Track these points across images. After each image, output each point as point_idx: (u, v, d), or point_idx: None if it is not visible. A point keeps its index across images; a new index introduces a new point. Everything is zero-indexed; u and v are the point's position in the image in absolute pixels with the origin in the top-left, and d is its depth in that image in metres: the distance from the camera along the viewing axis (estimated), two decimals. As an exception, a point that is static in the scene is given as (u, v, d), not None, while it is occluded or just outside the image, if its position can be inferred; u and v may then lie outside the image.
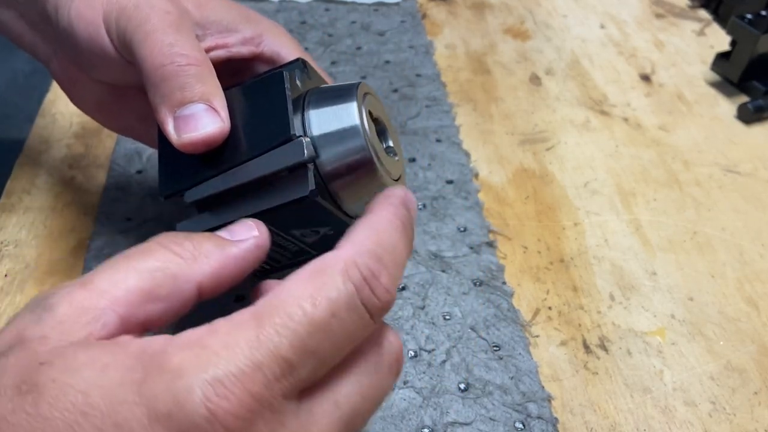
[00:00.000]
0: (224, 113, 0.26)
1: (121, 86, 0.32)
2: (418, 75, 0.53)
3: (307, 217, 0.27)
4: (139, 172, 0.43)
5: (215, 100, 0.26)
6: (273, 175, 0.25)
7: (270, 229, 0.25)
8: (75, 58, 0.30)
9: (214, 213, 0.27)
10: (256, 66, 0.32)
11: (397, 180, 0.28)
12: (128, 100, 0.33)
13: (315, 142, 0.26)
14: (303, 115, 0.26)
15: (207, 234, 0.22)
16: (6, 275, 0.36)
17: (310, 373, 0.17)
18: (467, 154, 0.46)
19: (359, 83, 0.27)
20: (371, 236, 0.19)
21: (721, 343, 0.36)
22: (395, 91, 0.51)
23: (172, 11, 0.27)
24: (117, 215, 0.40)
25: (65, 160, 0.44)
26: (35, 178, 0.42)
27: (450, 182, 0.43)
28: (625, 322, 0.36)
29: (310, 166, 0.25)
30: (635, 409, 0.33)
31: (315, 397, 0.18)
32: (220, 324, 0.18)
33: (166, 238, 0.21)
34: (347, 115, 0.26)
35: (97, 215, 0.40)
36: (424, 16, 0.61)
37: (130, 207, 0.40)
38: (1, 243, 0.38)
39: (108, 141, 0.45)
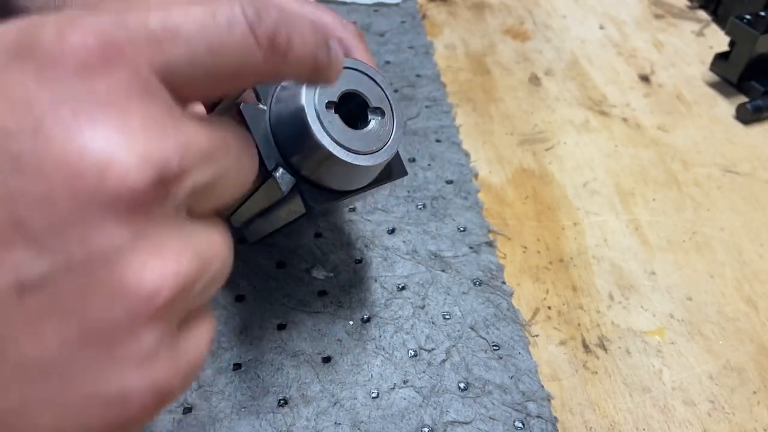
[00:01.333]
0: None
1: None
2: (418, 75, 0.53)
3: (322, 212, 0.30)
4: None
5: None
6: (278, 202, 0.28)
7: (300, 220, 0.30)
8: None
9: (257, 225, 0.33)
10: None
11: (380, 148, 0.27)
12: None
13: (283, 150, 0.26)
14: (269, 124, 0.26)
15: None
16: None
17: (184, 65, 0.16)
18: (467, 154, 0.46)
19: None
20: None
21: (720, 342, 0.36)
22: (395, 91, 0.51)
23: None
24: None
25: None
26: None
27: (450, 182, 0.44)
28: (624, 321, 0.37)
29: (294, 188, 0.27)
30: (634, 408, 0.33)
31: (188, 111, 0.17)
32: None
33: None
34: (297, 116, 0.25)
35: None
36: (424, 16, 0.61)
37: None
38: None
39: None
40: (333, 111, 0.26)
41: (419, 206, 0.42)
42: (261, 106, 0.27)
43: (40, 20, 0.14)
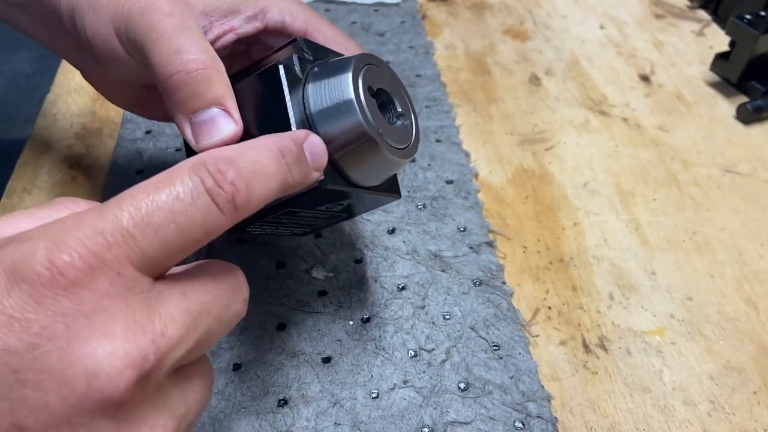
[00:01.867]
0: (236, 113, 0.27)
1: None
2: (418, 75, 0.53)
3: (325, 198, 0.28)
4: (140, 172, 0.43)
5: (227, 101, 0.27)
6: None
7: (293, 211, 0.29)
8: (100, 64, 0.31)
9: None
10: (263, 38, 0.33)
11: (404, 148, 0.28)
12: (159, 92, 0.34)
13: (314, 119, 0.26)
14: (303, 93, 0.27)
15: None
16: (7, 275, 0.36)
17: (156, 250, 0.18)
18: (467, 155, 0.46)
19: (359, 56, 0.27)
20: (233, 149, 0.21)
21: (721, 342, 0.36)
22: (395, 91, 0.51)
23: (174, 12, 0.27)
24: (118, 215, 0.40)
25: (66, 160, 0.44)
26: (36, 178, 0.42)
27: (450, 182, 0.44)
28: (624, 321, 0.37)
29: None
30: (635, 408, 0.33)
31: (166, 282, 0.19)
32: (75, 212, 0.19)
33: (61, 198, 0.23)
34: (342, 89, 0.26)
35: (98, 215, 0.40)
36: (424, 16, 0.61)
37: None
38: (3, 243, 0.38)
39: (109, 141, 0.46)
40: (371, 97, 0.27)
41: (419, 206, 0.42)
42: (298, 73, 0.27)
43: (30, 244, 0.17)
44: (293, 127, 0.26)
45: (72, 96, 0.49)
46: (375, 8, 0.61)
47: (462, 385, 0.33)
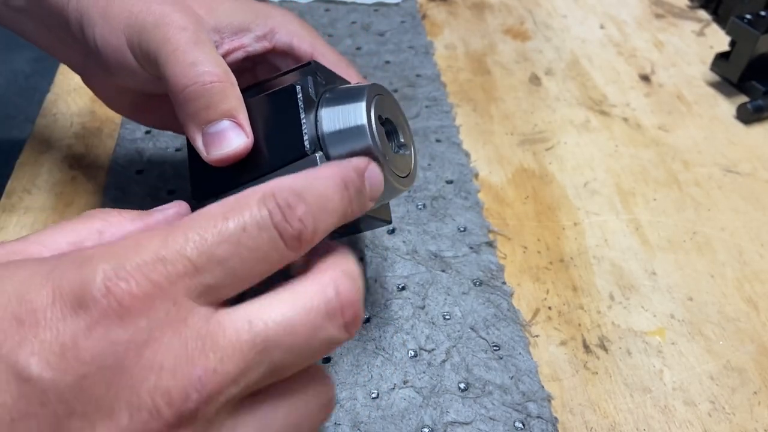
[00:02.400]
0: (248, 127, 0.27)
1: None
2: (418, 75, 0.53)
3: None
4: (140, 172, 0.43)
5: (239, 115, 0.27)
6: None
7: None
8: (106, 72, 0.31)
9: None
10: (270, 58, 0.33)
11: (405, 176, 0.30)
12: (161, 99, 0.34)
13: (325, 140, 0.27)
14: (316, 115, 0.28)
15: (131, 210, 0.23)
16: (7, 275, 0.36)
17: (219, 282, 0.18)
18: (467, 154, 0.46)
19: (370, 85, 0.29)
20: (301, 179, 0.20)
21: (721, 342, 0.36)
22: (395, 91, 0.51)
23: (188, 26, 0.28)
24: (117, 215, 0.40)
25: (66, 160, 0.44)
26: (36, 178, 0.42)
27: (450, 182, 0.44)
28: (624, 321, 0.37)
29: None
30: (635, 408, 0.33)
31: (230, 312, 0.18)
32: (137, 232, 0.19)
33: (92, 210, 0.22)
34: (355, 115, 0.27)
35: (98, 215, 0.40)
36: (424, 16, 0.61)
37: (131, 207, 0.40)
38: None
39: (109, 141, 0.46)
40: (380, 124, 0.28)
41: (419, 206, 0.42)
42: (312, 94, 0.28)
43: (90, 268, 0.17)
44: (306, 145, 0.27)
45: (72, 96, 0.49)
46: (375, 8, 0.61)
47: (462, 386, 0.33)
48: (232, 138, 0.27)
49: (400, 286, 0.37)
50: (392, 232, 0.40)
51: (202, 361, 0.17)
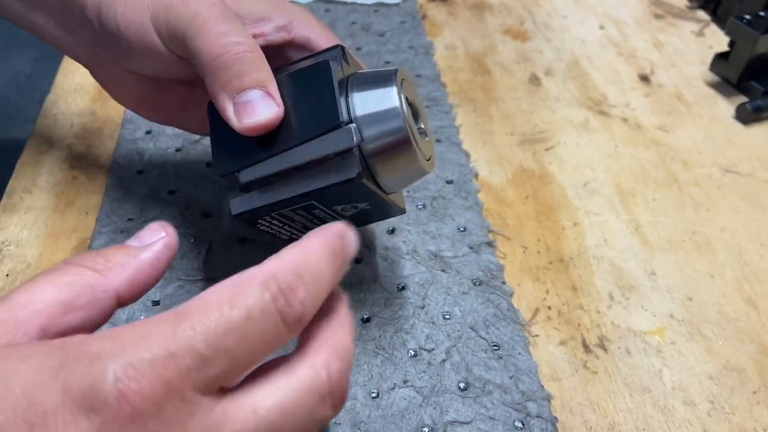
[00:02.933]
0: (278, 98, 0.28)
1: (164, 80, 0.33)
2: (418, 75, 0.53)
3: (351, 195, 0.29)
4: (140, 172, 0.43)
5: (270, 85, 0.28)
6: (323, 158, 0.28)
7: (314, 205, 0.29)
8: (121, 58, 0.31)
9: (263, 192, 0.29)
10: (287, 51, 0.33)
11: (428, 160, 0.30)
12: (170, 92, 0.34)
13: (358, 122, 0.28)
14: (347, 98, 0.28)
15: (115, 246, 0.22)
16: (7, 275, 0.36)
17: (224, 371, 0.18)
18: (467, 155, 0.46)
19: (397, 69, 0.29)
20: (296, 257, 0.20)
21: (720, 342, 0.36)
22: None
23: (216, 2, 0.29)
24: (118, 215, 0.40)
25: (67, 160, 0.44)
26: (37, 178, 0.42)
27: (450, 182, 0.44)
28: (624, 321, 0.37)
29: (356, 150, 0.28)
30: (634, 408, 0.33)
31: (233, 400, 0.18)
32: (141, 320, 0.19)
33: (77, 257, 0.21)
34: (388, 98, 0.28)
35: (99, 215, 0.40)
36: (424, 16, 0.61)
37: (132, 207, 0.41)
38: (3, 243, 0.38)
39: (109, 141, 0.46)
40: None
41: (419, 206, 0.42)
42: (342, 73, 0.29)
43: (99, 367, 0.17)
44: (341, 116, 0.27)
45: (72, 96, 0.49)
46: (375, 8, 0.61)
47: (462, 385, 0.33)
48: (264, 107, 0.27)
49: (400, 286, 0.37)
50: (392, 232, 0.40)
51: None
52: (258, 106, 0.27)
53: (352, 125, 0.27)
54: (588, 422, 0.32)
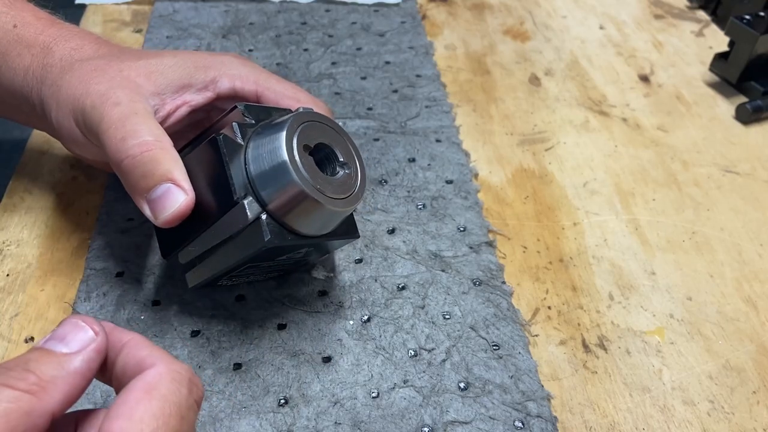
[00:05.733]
0: (186, 184, 0.29)
1: None
2: (418, 75, 0.53)
3: (280, 251, 0.30)
4: (140, 172, 0.43)
5: (176, 174, 0.29)
6: (236, 233, 0.29)
7: (256, 264, 0.31)
8: (68, 146, 0.35)
9: (204, 265, 0.32)
10: (218, 104, 0.35)
11: (347, 197, 0.30)
12: None
13: (256, 184, 0.28)
14: (245, 159, 0.28)
15: (42, 352, 0.21)
16: (8, 275, 0.37)
17: None
18: (467, 154, 0.46)
19: (294, 115, 0.29)
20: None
21: (720, 342, 0.36)
22: (395, 91, 0.51)
23: (121, 100, 0.30)
24: (118, 215, 0.40)
25: (67, 160, 0.44)
26: (37, 178, 0.42)
27: (450, 182, 0.44)
28: (624, 321, 0.37)
29: (262, 216, 0.28)
30: (634, 408, 0.33)
31: None
32: None
33: (5, 374, 0.20)
34: (276, 152, 0.28)
35: (99, 215, 0.40)
36: (424, 17, 0.61)
37: (132, 207, 0.41)
38: (3, 242, 0.38)
39: (109, 141, 0.46)
40: (308, 154, 0.29)
41: (419, 206, 0.42)
42: (239, 140, 0.29)
43: None
44: (235, 195, 0.28)
45: (72, 96, 0.49)
46: (375, 8, 0.61)
47: (462, 385, 0.33)
48: (173, 200, 0.28)
49: (400, 286, 0.37)
50: (392, 232, 0.40)
51: None
52: (168, 200, 0.28)
53: (246, 201, 0.28)
54: (588, 422, 0.32)
